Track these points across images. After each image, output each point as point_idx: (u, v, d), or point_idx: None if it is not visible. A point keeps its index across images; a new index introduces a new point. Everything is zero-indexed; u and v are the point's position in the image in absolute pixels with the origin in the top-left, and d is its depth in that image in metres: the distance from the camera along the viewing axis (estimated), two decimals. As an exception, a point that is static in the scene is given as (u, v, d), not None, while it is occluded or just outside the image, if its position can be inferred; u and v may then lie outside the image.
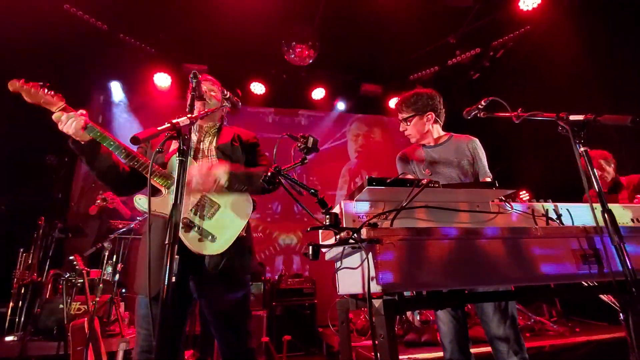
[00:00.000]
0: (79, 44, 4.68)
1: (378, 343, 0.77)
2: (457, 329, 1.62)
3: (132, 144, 0.89)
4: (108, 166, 1.53)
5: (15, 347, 3.07)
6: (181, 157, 0.96)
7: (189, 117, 1.03)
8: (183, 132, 0.98)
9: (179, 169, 0.96)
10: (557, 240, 0.97)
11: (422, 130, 2.00)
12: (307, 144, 0.96)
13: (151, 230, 1.31)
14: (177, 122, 0.98)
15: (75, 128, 1.42)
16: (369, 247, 0.84)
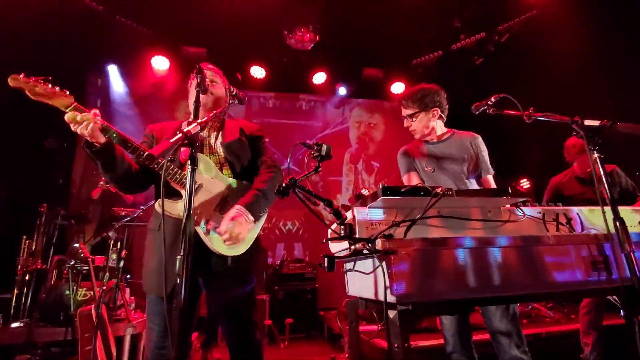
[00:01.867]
0: (75, 25, 4.54)
1: (393, 353, 0.79)
2: (460, 323, 1.66)
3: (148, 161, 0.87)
4: (122, 168, 1.47)
5: (22, 333, 3.12)
6: (192, 165, 0.95)
7: (199, 122, 1.02)
8: (194, 140, 0.96)
9: (190, 177, 0.95)
10: (568, 247, 0.98)
11: (427, 126, 1.98)
12: (321, 152, 0.95)
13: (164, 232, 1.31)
14: (188, 130, 0.96)
15: (91, 130, 1.33)
16: (383, 258, 0.84)
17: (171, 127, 1.73)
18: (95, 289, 3.07)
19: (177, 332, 0.82)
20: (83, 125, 1.32)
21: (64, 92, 1.40)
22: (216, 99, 1.67)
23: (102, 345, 2.96)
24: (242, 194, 1.61)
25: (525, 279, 0.92)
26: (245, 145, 1.75)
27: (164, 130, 1.68)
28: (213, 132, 1.73)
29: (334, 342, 4.18)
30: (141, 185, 1.62)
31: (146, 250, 1.59)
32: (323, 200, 0.96)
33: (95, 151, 1.38)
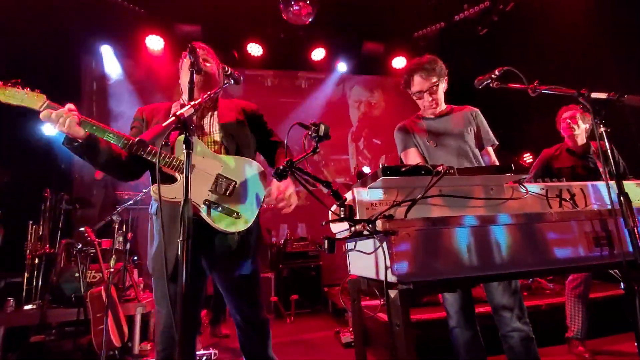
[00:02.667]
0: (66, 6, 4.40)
1: (394, 332, 0.80)
2: (464, 298, 1.68)
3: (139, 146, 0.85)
4: (110, 159, 1.45)
5: (35, 314, 3.22)
6: (188, 149, 0.93)
7: (193, 105, 0.99)
8: (189, 123, 0.94)
9: (187, 162, 0.93)
10: (571, 223, 0.97)
11: (442, 98, 1.91)
12: (319, 132, 0.92)
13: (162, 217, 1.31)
14: (181, 113, 0.94)
15: (68, 126, 1.29)
16: (384, 238, 0.84)
17: (162, 109, 1.68)
18: (104, 271, 3.14)
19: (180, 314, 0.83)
20: (60, 122, 1.28)
21: (36, 92, 1.35)
22: (210, 79, 1.62)
23: (114, 324, 3.06)
24: (237, 170, 1.57)
25: (527, 257, 0.92)
26: (243, 125, 1.69)
27: (155, 111, 1.63)
28: (207, 112, 1.66)
29: (338, 317, 4.30)
30: (135, 172, 1.60)
31: (150, 234, 1.60)
32: (321, 182, 0.94)
33: (77, 146, 1.34)
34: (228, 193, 1.52)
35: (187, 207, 0.89)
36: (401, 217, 0.87)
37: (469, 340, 1.68)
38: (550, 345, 2.73)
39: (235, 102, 1.79)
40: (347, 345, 3.16)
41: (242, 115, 1.72)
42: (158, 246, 1.47)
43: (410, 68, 1.89)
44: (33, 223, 3.82)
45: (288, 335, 3.79)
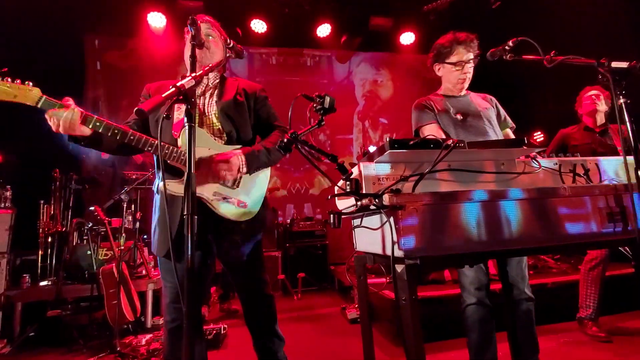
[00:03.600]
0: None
1: (401, 306, 0.79)
2: (485, 274, 1.69)
3: (137, 116, 0.83)
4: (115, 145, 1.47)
5: (51, 290, 3.33)
6: (190, 122, 0.91)
7: (194, 76, 0.95)
8: (190, 95, 0.91)
9: (189, 134, 0.91)
10: (585, 199, 0.95)
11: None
12: (324, 104, 0.89)
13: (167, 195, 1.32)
14: (182, 84, 0.91)
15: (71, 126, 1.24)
16: (390, 213, 0.82)
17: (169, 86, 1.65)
18: (114, 248, 3.21)
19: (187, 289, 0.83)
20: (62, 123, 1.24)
21: (27, 85, 1.26)
22: (213, 54, 1.56)
23: (127, 299, 3.15)
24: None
25: (538, 232, 0.90)
26: (242, 105, 1.63)
27: (162, 88, 1.60)
28: (210, 90, 1.63)
29: (344, 294, 4.37)
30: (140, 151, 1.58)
31: (153, 214, 1.61)
32: (327, 155, 0.92)
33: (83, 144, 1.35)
34: (235, 185, 1.53)
35: (191, 181, 0.88)
36: (408, 192, 0.85)
37: (485, 317, 1.69)
38: (557, 322, 2.75)
39: (239, 81, 1.73)
40: (352, 321, 3.23)
41: (242, 96, 1.66)
42: (162, 223, 1.49)
43: (455, 39, 1.80)
44: (44, 203, 3.90)
45: (295, 311, 3.88)
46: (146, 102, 0.85)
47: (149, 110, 0.82)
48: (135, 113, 0.83)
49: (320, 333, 3.05)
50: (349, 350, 2.56)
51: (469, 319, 1.69)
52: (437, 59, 1.88)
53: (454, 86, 1.88)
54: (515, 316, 1.71)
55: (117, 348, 2.65)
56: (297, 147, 0.91)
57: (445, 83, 1.93)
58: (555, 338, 2.54)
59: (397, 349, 2.53)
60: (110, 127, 1.33)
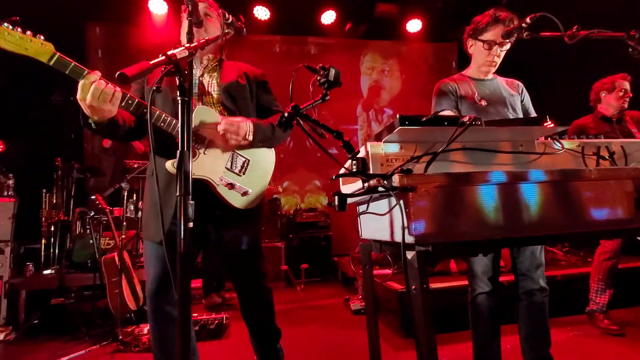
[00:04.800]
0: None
1: (411, 296, 0.73)
2: (496, 263, 1.63)
3: (119, 81, 0.76)
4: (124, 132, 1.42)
5: (54, 279, 3.33)
6: (182, 96, 0.84)
7: (187, 47, 0.88)
8: (182, 67, 0.85)
9: (182, 110, 0.85)
10: (611, 183, 0.87)
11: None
12: (329, 77, 0.82)
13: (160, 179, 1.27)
14: (172, 53, 0.84)
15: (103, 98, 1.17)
16: (401, 195, 0.75)
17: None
18: (116, 237, 3.18)
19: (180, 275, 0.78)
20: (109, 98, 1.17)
21: (39, 38, 1.19)
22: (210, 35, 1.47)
23: (129, 289, 3.13)
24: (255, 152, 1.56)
25: (560, 218, 0.83)
26: (244, 88, 1.61)
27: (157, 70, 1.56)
28: (209, 71, 1.60)
29: (348, 285, 4.34)
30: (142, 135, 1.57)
31: (144, 197, 1.56)
32: (331, 132, 0.85)
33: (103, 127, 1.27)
34: (243, 171, 1.52)
35: (185, 160, 0.81)
36: (420, 173, 0.78)
37: (494, 307, 1.64)
38: (566, 315, 2.69)
39: (239, 64, 1.70)
40: (356, 312, 3.19)
41: (243, 79, 1.63)
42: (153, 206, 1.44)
43: (494, 16, 1.69)
44: (47, 192, 3.88)
45: (298, 302, 3.85)
46: (130, 67, 0.78)
47: (132, 75, 0.76)
48: (117, 78, 0.76)
49: (323, 324, 3.02)
50: (353, 342, 2.52)
51: (478, 308, 1.63)
52: (472, 33, 1.75)
53: (479, 68, 1.77)
54: (527, 307, 1.65)
55: (119, 337, 2.63)
56: (298, 123, 0.84)
57: (473, 63, 1.82)
58: (564, 331, 2.48)
59: (402, 340, 2.49)
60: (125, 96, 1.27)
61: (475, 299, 1.66)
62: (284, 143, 5.77)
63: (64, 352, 2.46)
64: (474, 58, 1.80)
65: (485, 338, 1.66)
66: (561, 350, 2.17)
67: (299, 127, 0.86)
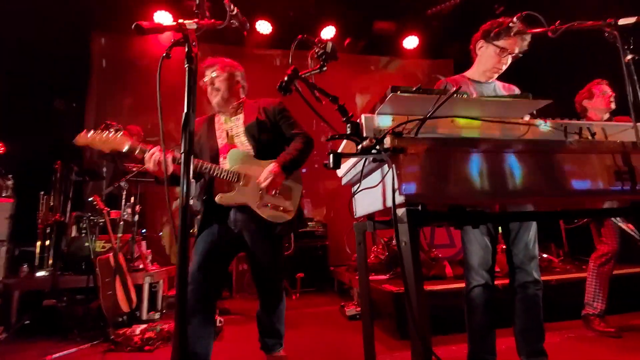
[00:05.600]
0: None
1: (401, 249, 0.76)
2: (493, 255, 1.65)
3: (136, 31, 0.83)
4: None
5: (47, 280, 3.30)
6: (189, 63, 0.90)
7: (197, 21, 0.95)
8: (190, 38, 0.91)
9: (188, 77, 0.90)
10: (591, 155, 0.92)
11: None
12: (326, 50, 0.88)
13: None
14: (183, 22, 0.90)
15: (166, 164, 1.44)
16: (392, 158, 0.80)
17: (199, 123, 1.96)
18: (112, 238, 3.18)
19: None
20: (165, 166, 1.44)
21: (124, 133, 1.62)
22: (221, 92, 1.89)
23: (122, 291, 3.11)
24: None
25: (543, 185, 0.87)
26: (265, 124, 1.90)
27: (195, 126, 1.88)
28: (232, 115, 1.94)
29: (344, 295, 4.30)
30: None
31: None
32: (328, 96, 0.90)
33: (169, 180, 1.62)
34: (275, 193, 1.84)
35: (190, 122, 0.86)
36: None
37: (490, 300, 1.65)
38: (561, 320, 2.68)
39: (258, 102, 1.98)
40: (351, 318, 3.16)
41: (262, 115, 1.92)
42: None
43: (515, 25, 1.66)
44: (44, 194, 3.89)
45: (293, 309, 3.81)
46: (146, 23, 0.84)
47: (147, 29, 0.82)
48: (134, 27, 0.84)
49: (318, 329, 2.99)
50: (348, 345, 2.49)
51: (474, 300, 1.64)
52: (486, 36, 1.73)
53: (484, 72, 1.78)
54: (522, 300, 1.66)
55: (110, 336, 2.59)
56: (296, 89, 0.90)
57: (478, 65, 1.82)
58: (559, 334, 2.47)
59: (397, 342, 2.47)
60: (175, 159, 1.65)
61: (470, 292, 1.67)
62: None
63: (54, 351, 2.42)
64: (480, 60, 1.80)
65: (480, 331, 1.66)
66: (556, 351, 2.17)
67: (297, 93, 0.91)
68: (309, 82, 0.90)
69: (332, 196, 5.83)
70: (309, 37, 0.94)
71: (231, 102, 1.92)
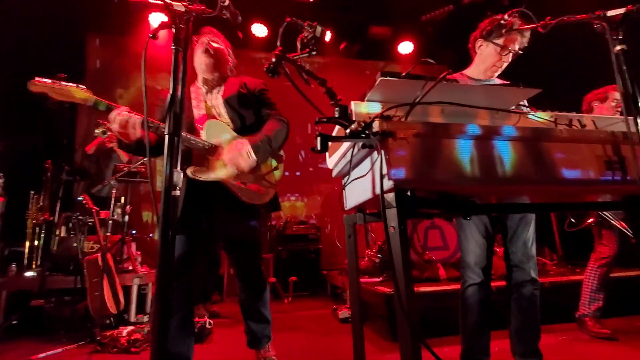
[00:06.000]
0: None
1: (390, 234, 0.74)
2: (490, 253, 1.63)
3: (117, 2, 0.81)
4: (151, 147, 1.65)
5: (36, 281, 3.23)
6: (176, 45, 0.88)
7: (186, 5, 0.94)
8: (177, 21, 0.89)
9: (175, 58, 0.89)
10: (582, 145, 0.91)
11: None
12: (315, 33, 0.87)
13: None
14: (170, 2, 0.89)
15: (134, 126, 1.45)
16: (381, 143, 0.78)
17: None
18: (101, 237, 3.12)
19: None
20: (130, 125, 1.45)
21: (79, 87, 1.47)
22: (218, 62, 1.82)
23: (110, 291, 3.04)
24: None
25: (533, 173, 0.86)
26: (244, 97, 1.82)
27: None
28: (216, 89, 1.86)
29: (336, 298, 4.26)
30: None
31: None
32: (316, 78, 0.89)
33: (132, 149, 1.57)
34: (253, 170, 1.72)
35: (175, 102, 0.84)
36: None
37: (485, 299, 1.63)
38: (555, 323, 2.66)
39: (242, 77, 1.94)
40: (343, 321, 3.12)
41: (244, 89, 1.85)
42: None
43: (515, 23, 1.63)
44: (35, 193, 3.82)
45: (285, 312, 3.76)
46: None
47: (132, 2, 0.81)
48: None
49: (310, 331, 2.94)
50: (339, 347, 2.45)
51: (469, 299, 1.61)
52: (486, 34, 1.70)
53: (485, 70, 1.75)
54: (519, 300, 1.64)
55: (97, 338, 2.53)
56: (284, 71, 0.88)
57: (478, 64, 1.79)
58: (553, 336, 2.45)
59: (389, 344, 2.43)
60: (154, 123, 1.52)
61: (466, 290, 1.65)
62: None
63: (41, 351, 2.36)
64: (480, 58, 1.77)
65: (474, 329, 1.64)
66: (551, 352, 2.15)
67: (285, 76, 0.89)
68: (298, 64, 0.89)
69: (326, 199, 5.82)
70: (298, 20, 0.92)
71: (216, 72, 1.83)
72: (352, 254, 1.16)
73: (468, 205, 0.91)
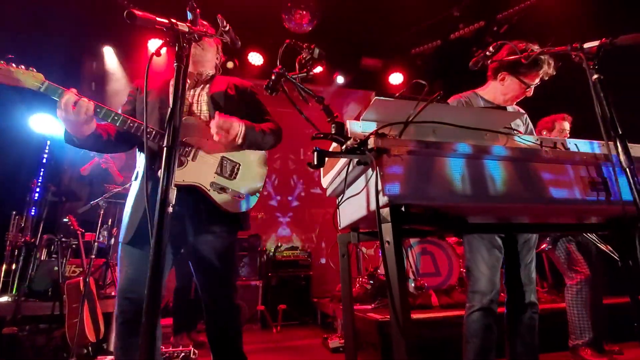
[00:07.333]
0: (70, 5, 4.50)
1: (385, 250, 0.75)
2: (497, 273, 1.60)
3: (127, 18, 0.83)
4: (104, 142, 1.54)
5: (10, 307, 3.06)
6: (179, 62, 0.91)
7: (189, 25, 0.98)
8: (181, 40, 0.93)
9: (177, 77, 0.91)
10: (566, 166, 0.95)
11: None
12: (313, 55, 0.92)
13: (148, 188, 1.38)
14: (176, 22, 0.93)
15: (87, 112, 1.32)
16: (376, 159, 0.81)
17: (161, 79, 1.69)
18: (84, 261, 3.02)
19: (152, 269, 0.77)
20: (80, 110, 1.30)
21: (31, 70, 1.33)
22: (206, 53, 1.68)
23: (90, 318, 2.90)
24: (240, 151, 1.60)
25: (522, 191, 0.89)
26: (232, 98, 1.66)
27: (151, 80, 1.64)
28: (200, 84, 1.69)
29: (326, 328, 4.13)
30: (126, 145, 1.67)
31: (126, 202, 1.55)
32: (314, 96, 0.92)
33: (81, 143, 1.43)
34: (233, 175, 1.56)
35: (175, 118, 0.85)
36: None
37: (490, 324, 1.58)
38: (548, 352, 2.61)
39: (230, 77, 1.79)
40: (334, 350, 3.01)
41: (232, 90, 1.69)
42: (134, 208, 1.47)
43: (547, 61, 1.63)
44: (16, 214, 3.71)
45: (274, 342, 3.62)
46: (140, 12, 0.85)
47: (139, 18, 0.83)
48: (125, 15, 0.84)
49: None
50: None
51: (474, 324, 1.57)
52: (511, 69, 1.65)
53: (505, 100, 1.70)
54: (517, 323, 1.64)
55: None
56: (282, 89, 0.91)
57: (496, 93, 1.74)
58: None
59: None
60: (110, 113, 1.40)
61: (471, 315, 1.61)
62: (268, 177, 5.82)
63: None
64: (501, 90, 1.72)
65: (480, 356, 1.59)
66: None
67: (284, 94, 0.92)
68: (296, 81, 0.92)
69: (321, 226, 5.80)
70: (297, 42, 0.97)
71: (203, 67, 1.68)
72: (346, 272, 1.15)
73: (461, 222, 0.93)
